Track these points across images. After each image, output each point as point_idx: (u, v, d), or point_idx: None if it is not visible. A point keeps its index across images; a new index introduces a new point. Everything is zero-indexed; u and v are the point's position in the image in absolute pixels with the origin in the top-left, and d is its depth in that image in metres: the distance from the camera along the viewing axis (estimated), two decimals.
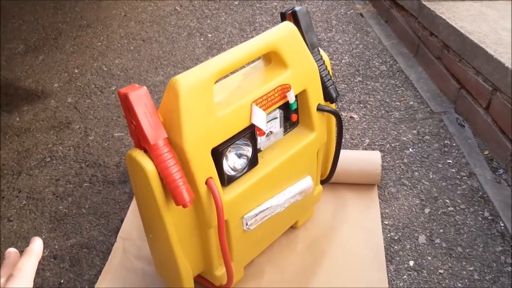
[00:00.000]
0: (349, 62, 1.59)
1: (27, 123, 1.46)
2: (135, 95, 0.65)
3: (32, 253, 0.53)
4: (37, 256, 0.53)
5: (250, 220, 0.81)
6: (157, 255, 0.85)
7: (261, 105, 0.76)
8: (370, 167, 1.09)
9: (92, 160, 1.29)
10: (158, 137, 0.66)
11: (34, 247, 0.53)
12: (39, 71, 1.73)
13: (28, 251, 0.53)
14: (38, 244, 0.54)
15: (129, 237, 1.05)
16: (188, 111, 0.67)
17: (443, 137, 1.25)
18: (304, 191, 0.90)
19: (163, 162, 0.66)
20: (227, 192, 0.76)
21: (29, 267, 0.51)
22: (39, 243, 0.54)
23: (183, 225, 0.76)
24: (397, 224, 1.04)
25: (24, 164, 1.30)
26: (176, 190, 0.67)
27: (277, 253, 0.99)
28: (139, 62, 1.73)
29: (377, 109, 1.37)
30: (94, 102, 1.54)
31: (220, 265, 0.85)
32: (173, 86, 0.66)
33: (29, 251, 0.53)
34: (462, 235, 1.00)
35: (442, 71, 1.41)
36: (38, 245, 0.54)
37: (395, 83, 1.47)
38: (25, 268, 0.50)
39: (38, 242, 0.54)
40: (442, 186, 1.11)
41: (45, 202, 1.17)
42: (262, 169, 0.80)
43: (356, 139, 1.27)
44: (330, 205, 1.08)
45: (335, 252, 0.98)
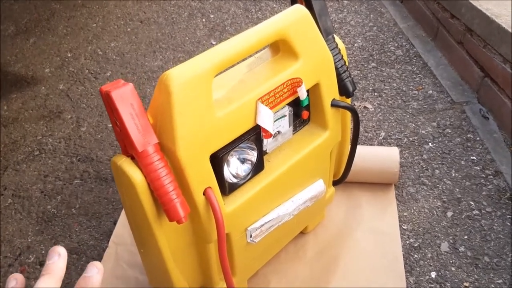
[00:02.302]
0: (362, 46, 1.47)
1: (15, 112, 1.36)
2: (119, 93, 0.55)
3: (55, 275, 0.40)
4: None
5: (254, 232, 0.72)
6: (151, 270, 0.76)
7: (267, 102, 0.65)
8: (387, 165, 0.99)
9: (84, 154, 1.19)
10: (147, 143, 0.56)
11: (94, 282, 0.40)
12: (29, 55, 1.63)
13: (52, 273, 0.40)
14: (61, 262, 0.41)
15: (122, 242, 0.96)
16: (182, 111, 0.56)
17: (465, 130, 1.15)
18: (315, 196, 0.80)
19: (153, 172, 0.56)
20: (229, 202, 0.67)
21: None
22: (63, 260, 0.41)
23: (178, 240, 0.66)
24: (417, 229, 0.94)
25: (10, 158, 1.20)
26: (169, 204, 0.57)
27: (284, 262, 0.89)
28: (136, 46, 1.62)
29: (393, 99, 1.26)
30: (87, 89, 1.43)
31: (221, 280, 0.76)
32: (164, 82, 0.56)
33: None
34: (489, 242, 0.91)
35: (464, 57, 1.30)
36: (98, 280, 0.41)
37: (412, 69, 1.36)
38: None
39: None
40: (466, 186, 1.01)
41: (32, 201, 1.08)
42: (269, 175, 0.71)
43: (370, 132, 1.16)
44: (342, 208, 0.99)
45: (348, 261, 0.89)
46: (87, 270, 0.41)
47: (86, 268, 0.41)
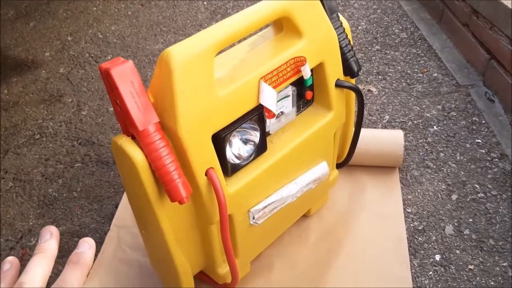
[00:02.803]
0: (366, 28, 1.45)
1: (16, 96, 1.35)
2: (118, 71, 0.53)
3: (83, 266, 0.38)
4: (87, 271, 0.39)
5: (257, 213, 0.71)
6: (152, 252, 0.76)
7: (270, 81, 0.64)
8: (391, 148, 0.98)
9: (85, 138, 1.18)
10: (148, 122, 0.55)
11: (87, 257, 0.39)
12: (29, 38, 1.61)
13: (79, 262, 0.38)
14: (90, 254, 0.39)
15: (124, 225, 0.95)
16: (183, 90, 0.55)
17: (470, 113, 1.13)
18: (319, 178, 0.79)
19: (154, 152, 0.55)
20: (231, 183, 0.66)
21: (77, 286, 0.37)
22: (92, 251, 0.40)
23: (180, 222, 0.65)
24: (421, 212, 0.93)
25: (11, 142, 1.20)
26: (170, 184, 0.56)
27: (287, 245, 0.89)
28: (137, 29, 1.60)
29: (398, 82, 1.24)
30: (88, 72, 1.42)
31: (224, 262, 0.75)
32: (165, 60, 0.55)
33: (81, 263, 0.38)
34: (494, 225, 0.90)
35: (470, 40, 1.28)
36: (90, 255, 0.39)
37: (417, 52, 1.34)
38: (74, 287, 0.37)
39: (90, 251, 0.40)
40: (471, 169, 1.00)
41: (33, 184, 1.08)
42: (272, 156, 0.69)
43: (374, 115, 1.15)
44: (346, 191, 0.98)
45: (352, 244, 0.88)
46: (78, 246, 0.40)
47: (78, 244, 0.40)
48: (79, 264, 0.38)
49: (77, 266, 0.38)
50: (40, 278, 0.37)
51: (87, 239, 0.40)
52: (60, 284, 0.36)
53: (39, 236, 0.40)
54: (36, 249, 0.39)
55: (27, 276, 0.36)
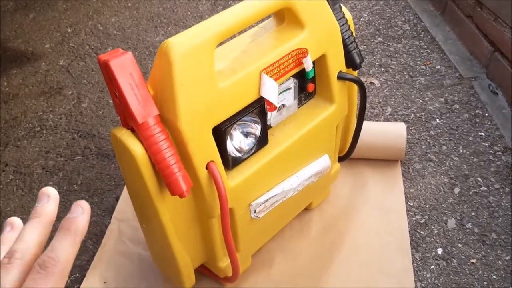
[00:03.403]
0: (368, 20, 1.43)
1: (16, 88, 1.34)
2: (117, 62, 0.53)
3: (75, 234, 0.33)
4: (80, 239, 0.34)
5: (258, 207, 0.70)
6: (153, 246, 0.75)
7: (272, 74, 0.63)
8: (393, 141, 0.97)
9: (85, 130, 1.18)
10: (148, 114, 0.54)
11: (79, 223, 0.34)
12: (29, 30, 1.60)
13: (70, 229, 0.33)
14: (84, 219, 0.34)
15: (125, 218, 0.95)
16: (183, 82, 0.54)
17: (474, 106, 1.12)
18: (320, 172, 0.78)
19: (154, 145, 0.54)
20: (232, 176, 0.65)
21: (68, 257, 0.32)
22: (86, 216, 0.35)
23: (181, 215, 0.65)
24: (423, 205, 0.93)
25: (11, 134, 1.19)
26: (170, 178, 0.55)
27: (288, 238, 0.88)
28: (137, 21, 1.59)
29: (400, 74, 1.23)
30: (88, 65, 1.41)
31: (225, 256, 0.75)
32: (164, 51, 0.54)
33: (72, 230, 0.33)
34: (496, 219, 0.89)
35: (473, 31, 1.26)
36: (84, 221, 0.34)
37: (420, 44, 1.32)
38: (63, 258, 0.32)
39: (84, 217, 0.34)
40: (474, 163, 0.99)
41: (33, 177, 1.07)
42: (273, 149, 0.69)
43: (376, 108, 1.14)
44: (348, 184, 0.97)
45: (353, 238, 0.88)
46: (71, 211, 0.35)
47: (71, 208, 0.35)
48: (70, 231, 0.33)
49: (68, 234, 0.33)
50: (33, 245, 0.33)
51: (81, 202, 0.35)
52: (49, 254, 0.32)
53: (37, 199, 0.36)
54: (32, 214, 0.35)
55: (20, 243, 0.33)
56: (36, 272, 0.31)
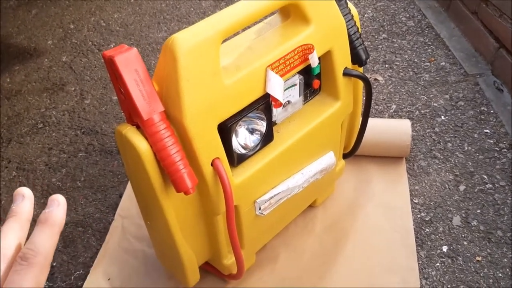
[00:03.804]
0: (372, 16, 1.43)
1: (18, 85, 1.34)
2: (123, 58, 0.52)
3: (52, 226, 0.35)
4: (58, 231, 0.36)
5: (263, 204, 0.70)
6: (157, 243, 0.75)
7: (277, 70, 0.62)
8: (398, 137, 0.97)
9: (88, 127, 1.17)
10: (153, 111, 0.54)
11: (56, 216, 0.36)
12: (31, 26, 1.59)
13: (47, 222, 0.35)
14: (60, 212, 0.36)
15: (128, 215, 0.95)
16: (189, 78, 0.54)
17: (479, 103, 1.11)
18: (325, 169, 0.78)
19: (159, 142, 0.54)
20: (237, 173, 0.65)
21: (47, 248, 0.34)
22: (62, 209, 0.36)
23: (186, 212, 0.64)
24: (428, 203, 0.92)
25: (14, 131, 1.19)
26: (176, 174, 0.55)
27: (293, 235, 0.88)
28: (140, 17, 1.58)
29: (405, 71, 1.22)
30: (91, 61, 1.40)
31: (229, 253, 0.75)
32: (170, 47, 0.53)
33: (49, 222, 0.35)
34: (502, 216, 0.89)
35: (478, 28, 1.25)
36: (60, 213, 0.36)
37: (424, 40, 1.32)
38: (43, 249, 0.33)
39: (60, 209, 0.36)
40: (479, 160, 0.99)
41: (36, 173, 1.07)
42: (278, 146, 0.68)
43: (381, 105, 1.13)
44: (352, 181, 0.96)
45: (358, 235, 0.87)
46: (47, 205, 0.36)
47: (47, 203, 0.36)
48: (48, 223, 0.35)
49: (46, 226, 0.35)
50: (12, 244, 0.34)
51: (56, 195, 0.37)
52: (29, 246, 0.33)
53: (13, 199, 0.37)
54: (8, 214, 0.36)
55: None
56: (18, 264, 0.32)
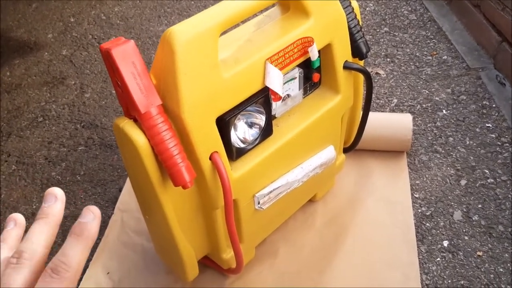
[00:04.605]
0: (374, 10, 1.42)
1: (18, 78, 1.34)
2: (120, 51, 0.52)
3: (87, 239, 0.34)
4: (91, 245, 0.34)
5: (262, 198, 0.70)
6: (156, 237, 0.75)
7: (277, 63, 0.62)
8: (399, 132, 0.96)
9: (88, 121, 1.17)
10: (150, 104, 0.53)
11: (91, 229, 0.34)
12: (32, 20, 1.59)
13: (82, 235, 0.34)
14: (95, 225, 0.35)
15: (128, 209, 0.94)
16: (186, 71, 0.53)
17: (481, 97, 1.11)
18: (325, 163, 0.77)
19: (157, 135, 0.54)
20: (236, 167, 0.64)
21: (79, 262, 0.33)
22: (97, 222, 0.35)
23: (184, 206, 0.64)
24: (429, 197, 0.91)
25: (14, 125, 1.18)
26: (173, 168, 0.55)
27: (292, 230, 0.88)
28: (140, 10, 1.57)
29: (406, 64, 1.21)
30: (91, 54, 1.40)
31: (228, 247, 0.74)
32: (167, 39, 0.53)
33: (84, 235, 0.34)
34: (503, 211, 0.88)
35: (481, 21, 1.24)
36: (95, 227, 0.35)
37: (426, 34, 1.31)
38: (75, 264, 0.32)
39: (94, 222, 0.35)
40: (481, 154, 0.98)
41: (36, 167, 1.07)
42: (278, 140, 0.68)
43: (382, 99, 1.12)
44: (353, 175, 0.96)
45: (358, 230, 0.87)
46: (82, 215, 0.35)
47: (82, 212, 0.35)
48: (82, 236, 0.34)
49: (80, 239, 0.34)
50: (41, 246, 0.33)
51: (92, 207, 0.36)
52: (60, 258, 0.32)
53: (44, 199, 0.36)
54: (39, 214, 0.35)
55: (28, 244, 0.33)
56: (49, 276, 0.31)
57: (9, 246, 0.36)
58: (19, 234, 0.37)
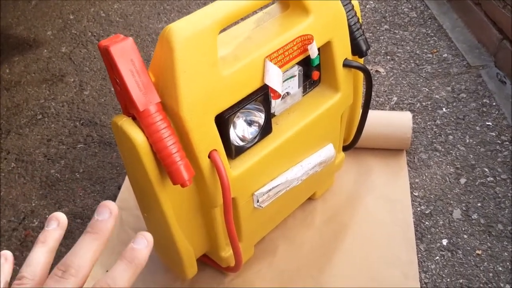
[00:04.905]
0: (374, 7, 1.41)
1: (17, 76, 1.33)
2: (118, 48, 0.51)
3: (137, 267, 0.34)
4: (139, 272, 0.34)
5: (261, 196, 0.69)
6: (155, 236, 0.74)
7: (276, 60, 0.61)
8: (399, 130, 0.96)
9: (87, 118, 1.17)
10: (149, 102, 0.53)
11: (143, 257, 0.34)
12: (31, 17, 1.58)
13: (133, 262, 0.33)
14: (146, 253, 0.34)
15: (127, 207, 0.94)
16: (185, 68, 0.53)
17: (481, 95, 1.10)
18: (325, 161, 0.77)
19: (155, 133, 0.53)
20: (235, 166, 0.64)
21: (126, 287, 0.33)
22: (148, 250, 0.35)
23: (183, 204, 0.64)
24: (429, 196, 0.91)
25: (13, 122, 1.18)
26: (172, 166, 0.54)
27: (292, 228, 0.87)
28: (140, 7, 1.57)
29: (406, 62, 1.21)
30: (90, 52, 1.39)
31: (227, 245, 0.74)
32: (166, 37, 0.53)
33: (135, 263, 0.34)
34: (503, 210, 0.88)
35: (482, 19, 1.24)
36: (146, 254, 0.34)
37: (427, 32, 1.30)
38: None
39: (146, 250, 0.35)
40: (480, 153, 0.98)
41: (35, 165, 1.06)
42: (277, 138, 0.68)
43: (382, 97, 1.12)
44: (352, 174, 0.96)
45: (357, 228, 0.87)
46: (136, 240, 0.34)
47: (135, 237, 0.34)
48: (134, 263, 0.33)
49: (131, 266, 0.33)
50: (88, 263, 0.33)
51: (146, 234, 0.35)
52: (108, 280, 0.32)
53: (96, 211, 0.36)
54: (90, 226, 0.35)
55: (75, 258, 0.33)
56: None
57: (49, 248, 0.35)
58: (60, 236, 0.36)
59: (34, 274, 0.33)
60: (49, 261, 0.35)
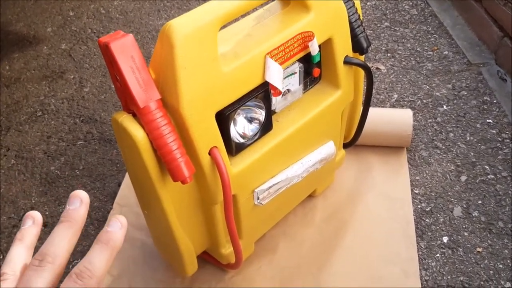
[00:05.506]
0: (375, 4, 1.41)
1: (17, 72, 1.33)
2: (118, 45, 0.51)
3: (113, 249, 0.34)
4: (115, 253, 0.35)
5: (262, 194, 0.69)
6: (155, 232, 0.75)
7: (277, 57, 0.61)
8: (400, 127, 0.96)
9: (87, 115, 1.16)
10: (149, 98, 0.53)
11: (118, 239, 0.34)
12: (31, 13, 1.58)
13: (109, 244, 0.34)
14: (121, 234, 0.35)
15: (127, 204, 0.94)
16: (186, 65, 0.53)
17: (482, 92, 1.10)
18: (325, 158, 0.77)
19: (156, 130, 0.53)
20: (235, 163, 0.64)
21: (103, 271, 0.33)
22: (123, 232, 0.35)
23: (183, 201, 0.64)
24: (429, 193, 0.91)
25: (13, 119, 1.18)
26: (172, 163, 0.54)
27: (292, 225, 0.87)
28: (140, 4, 1.56)
29: (407, 60, 1.21)
30: (90, 48, 1.39)
31: (227, 242, 0.74)
32: (166, 33, 0.52)
33: (110, 244, 0.34)
34: (503, 207, 0.88)
35: (482, 16, 1.23)
36: (121, 236, 0.35)
37: (427, 29, 1.30)
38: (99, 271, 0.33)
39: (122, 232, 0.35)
40: (481, 150, 0.98)
41: (35, 162, 1.06)
42: (277, 135, 0.67)
43: (382, 94, 1.12)
44: (352, 171, 0.96)
45: (358, 225, 0.87)
46: (109, 223, 0.35)
47: (109, 221, 0.35)
48: (109, 245, 0.34)
49: (106, 248, 0.34)
50: (64, 251, 0.34)
51: (120, 217, 0.36)
52: (87, 265, 0.33)
53: (68, 201, 0.36)
54: (63, 216, 0.35)
55: (51, 247, 0.33)
56: (73, 281, 0.32)
57: (26, 245, 0.36)
58: (37, 233, 0.37)
59: (14, 269, 0.34)
60: (28, 257, 0.36)
